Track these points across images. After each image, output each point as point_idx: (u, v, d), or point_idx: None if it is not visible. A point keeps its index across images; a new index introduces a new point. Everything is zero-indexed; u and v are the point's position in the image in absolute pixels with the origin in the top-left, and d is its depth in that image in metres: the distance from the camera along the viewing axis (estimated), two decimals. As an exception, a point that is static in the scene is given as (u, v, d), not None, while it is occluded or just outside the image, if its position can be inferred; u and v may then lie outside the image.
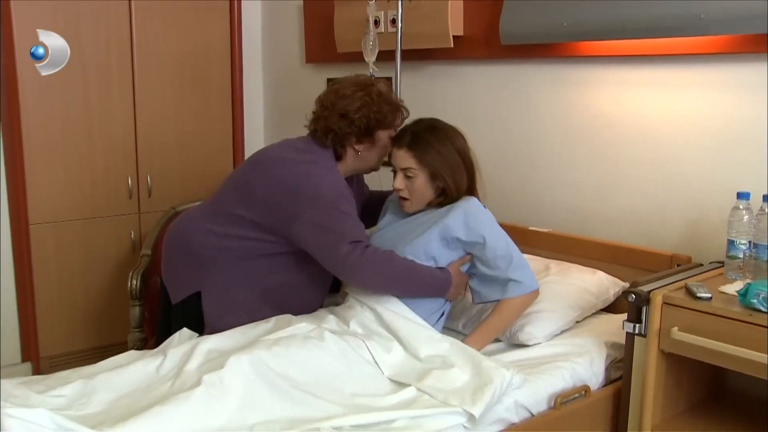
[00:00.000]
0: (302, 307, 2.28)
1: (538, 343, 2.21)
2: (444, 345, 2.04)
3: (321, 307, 2.35)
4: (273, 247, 2.21)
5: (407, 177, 2.15)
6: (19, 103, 3.13)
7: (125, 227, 3.49)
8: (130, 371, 1.86)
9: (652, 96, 2.41)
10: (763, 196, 1.99)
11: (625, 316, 2.05)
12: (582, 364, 2.12)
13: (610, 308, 2.45)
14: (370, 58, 2.64)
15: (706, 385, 2.19)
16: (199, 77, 3.62)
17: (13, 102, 3.12)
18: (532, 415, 1.96)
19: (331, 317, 2.17)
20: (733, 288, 1.93)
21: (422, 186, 2.14)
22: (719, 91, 2.25)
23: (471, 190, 2.20)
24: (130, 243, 3.49)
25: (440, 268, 2.15)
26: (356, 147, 2.25)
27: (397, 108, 2.28)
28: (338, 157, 2.26)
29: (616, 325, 2.29)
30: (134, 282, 2.65)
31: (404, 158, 2.13)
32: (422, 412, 1.77)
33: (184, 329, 2.18)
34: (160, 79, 3.50)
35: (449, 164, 2.13)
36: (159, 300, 2.48)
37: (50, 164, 3.24)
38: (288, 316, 2.18)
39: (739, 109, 2.22)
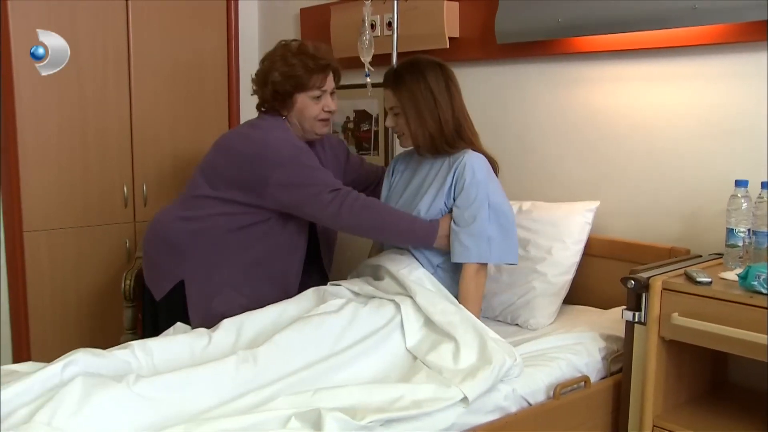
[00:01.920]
0: (283, 274, 2.33)
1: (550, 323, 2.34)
2: (456, 318, 2.01)
3: (300, 270, 2.39)
4: (244, 219, 2.25)
5: (395, 115, 2.24)
6: (14, 109, 3.10)
7: (120, 236, 3.45)
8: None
9: (648, 90, 2.41)
10: (762, 183, 1.98)
11: (618, 310, 2.03)
12: (579, 355, 2.10)
13: (602, 304, 2.45)
14: (366, 57, 2.64)
15: (707, 377, 2.16)
16: (196, 84, 3.61)
17: (8, 107, 3.10)
18: (531, 405, 1.92)
19: (369, 288, 2.18)
20: (733, 274, 1.91)
21: (410, 122, 2.21)
22: (715, 82, 2.25)
23: (459, 132, 2.20)
24: (125, 252, 3.46)
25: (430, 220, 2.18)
26: (281, 112, 2.34)
27: (314, 69, 2.30)
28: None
29: (610, 318, 2.30)
30: (128, 282, 2.62)
31: (388, 97, 2.25)
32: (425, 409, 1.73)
33: (179, 324, 2.16)
34: (157, 87, 3.48)
35: (425, 101, 2.17)
36: (143, 302, 2.48)
37: (45, 171, 3.22)
38: (322, 289, 2.18)
39: (734, 100, 2.21)
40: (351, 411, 1.66)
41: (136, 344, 1.86)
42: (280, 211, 2.26)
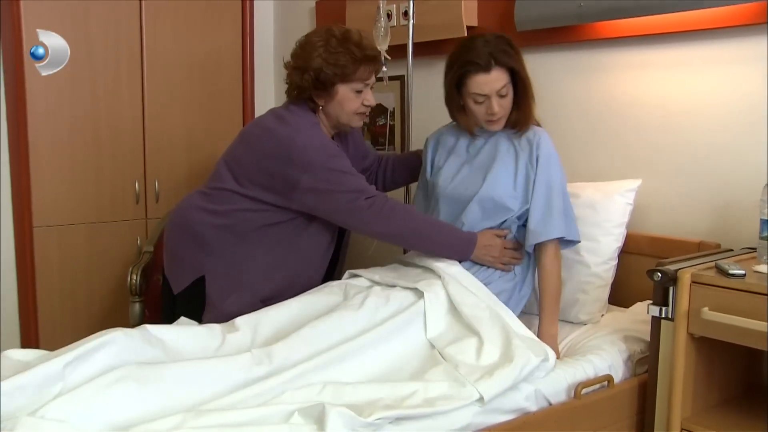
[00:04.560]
0: (305, 276, 2.21)
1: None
2: (484, 314, 1.92)
3: (323, 272, 2.30)
4: (270, 217, 2.15)
5: (501, 96, 2.06)
6: (26, 105, 3.07)
7: (131, 233, 3.40)
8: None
9: (677, 77, 2.31)
10: (799, 171, 1.87)
11: (644, 308, 1.92)
12: (602, 356, 1.99)
13: (625, 302, 2.34)
14: (382, 46, 2.54)
15: (740, 378, 2.04)
16: (210, 81, 3.56)
17: (20, 103, 3.06)
18: (551, 405, 1.81)
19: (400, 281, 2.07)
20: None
21: (521, 101, 2.10)
22: (749, 67, 2.14)
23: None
24: (136, 249, 3.40)
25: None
26: (318, 101, 2.18)
27: (361, 60, 2.14)
28: (314, 112, 2.21)
29: (630, 319, 2.20)
30: (134, 277, 2.55)
31: (498, 78, 2.04)
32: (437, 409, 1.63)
33: (182, 318, 2.10)
34: (170, 82, 3.44)
35: (528, 78, 2.10)
36: (161, 297, 2.40)
37: (56, 167, 3.17)
38: (344, 283, 2.11)
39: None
40: (358, 407, 1.57)
41: (151, 329, 1.80)
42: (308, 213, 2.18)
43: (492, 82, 2.04)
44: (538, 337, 2.00)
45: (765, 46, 2.09)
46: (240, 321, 1.91)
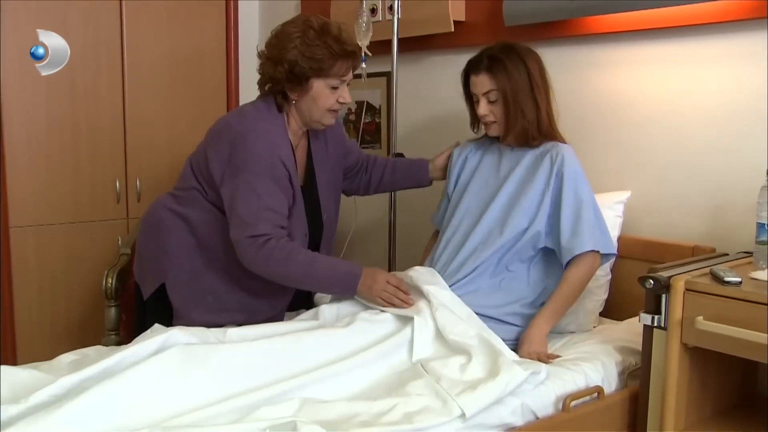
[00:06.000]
0: (270, 289, 2.10)
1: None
2: (474, 341, 1.83)
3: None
4: (226, 221, 2.04)
5: (490, 102, 2.11)
6: (0, 101, 2.99)
7: (112, 233, 3.32)
8: None
9: (671, 73, 2.23)
10: (797, 173, 1.78)
11: (633, 320, 1.85)
12: (593, 369, 1.90)
13: (615, 314, 2.27)
14: (363, 41, 2.46)
15: (735, 388, 1.96)
16: (193, 78, 3.50)
17: (-6, 101, 3.00)
18: (538, 419, 1.73)
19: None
20: (765, 274, 1.71)
21: (505, 107, 2.11)
22: (746, 63, 2.06)
23: (552, 124, 2.14)
24: (117, 249, 3.31)
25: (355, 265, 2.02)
26: (290, 95, 2.07)
27: (339, 55, 2.03)
28: (280, 109, 2.10)
29: (624, 329, 2.13)
30: (110, 281, 2.46)
31: (482, 83, 2.11)
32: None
33: (156, 325, 2.01)
34: (153, 81, 3.38)
35: (525, 89, 2.09)
36: (134, 300, 2.32)
37: (33, 165, 3.11)
38: (335, 306, 2.04)
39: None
40: (333, 424, 1.50)
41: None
42: None
43: (478, 84, 2.12)
44: (528, 328, 1.98)
45: (762, 42, 2.01)
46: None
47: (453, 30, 2.66)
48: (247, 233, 1.94)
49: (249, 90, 3.71)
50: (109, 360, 1.62)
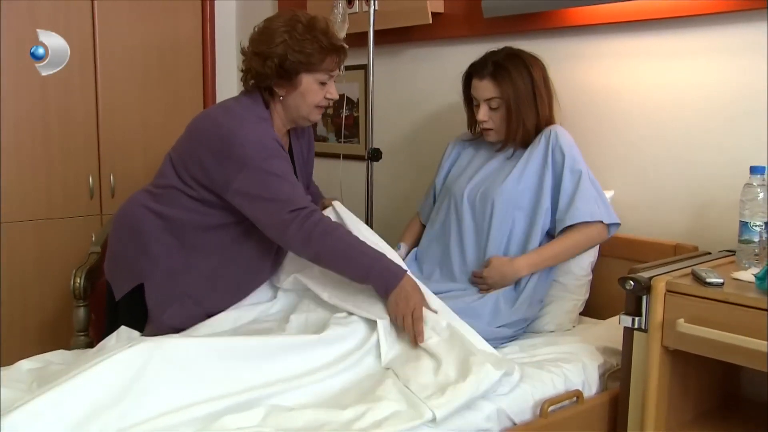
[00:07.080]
0: (251, 283, 2.07)
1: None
2: (443, 334, 1.78)
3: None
4: (210, 220, 2.00)
5: (491, 109, 2.13)
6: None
7: (85, 230, 3.24)
8: None
9: (653, 67, 2.18)
10: (781, 169, 1.74)
11: (615, 319, 1.80)
12: (573, 371, 1.85)
13: (596, 314, 2.22)
14: (340, 33, 2.39)
15: (716, 390, 1.92)
16: (169, 72, 3.43)
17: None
18: (515, 425, 1.67)
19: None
20: (748, 274, 1.66)
21: (507, 115, 2.12)
22: (729, 57, 2.02)
23: (549, 126, 2.14)
24: (90, 246, 3.24)
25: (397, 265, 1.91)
26: (278, 91, 2.02)
27: (328, 50, 1.99)
28: (267, 105, 2.05)
29: (607, 328, 2.07)
30: (78, 280, 2.39)
31: (485, 88, 2.12)
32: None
33: (123, 327, 1.96)
34: (126, 73, 3.31)
35: (529, 97, 2.11)
36: (104, 300, 2.24)
37: (2, 159, 3.02)
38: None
39: (752, 77, 1.97)
40: (299, 434, 1.43)
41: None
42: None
43: (481, 89, 2.14)
44: (505, 259, 2.04)
45: (743, 36, 1.97)
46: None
47: (431, 22, 2.62)
48: (288, 208, 1.87)
49: (226, 84, 3.66)
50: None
